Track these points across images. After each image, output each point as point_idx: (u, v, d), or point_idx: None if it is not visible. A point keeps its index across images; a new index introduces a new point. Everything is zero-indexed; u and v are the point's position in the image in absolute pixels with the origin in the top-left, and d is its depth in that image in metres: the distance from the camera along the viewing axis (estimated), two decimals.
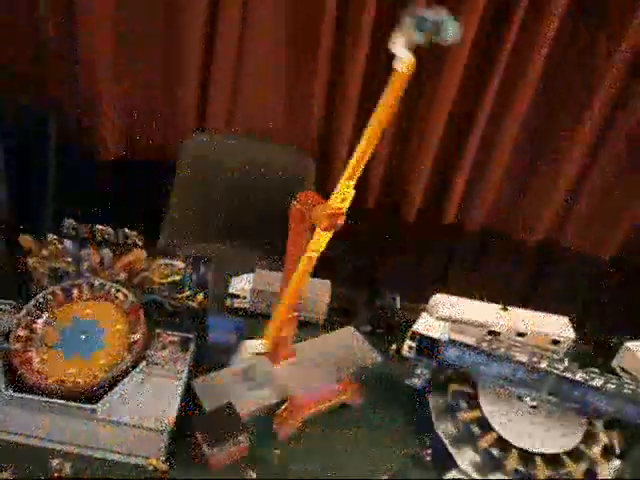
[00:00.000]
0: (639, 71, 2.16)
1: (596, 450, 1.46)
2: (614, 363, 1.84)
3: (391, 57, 2.18)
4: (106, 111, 2.47)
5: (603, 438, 1.49)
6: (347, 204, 1.27)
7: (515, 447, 1.45)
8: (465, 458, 1.45)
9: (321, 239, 1.31)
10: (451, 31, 1.16)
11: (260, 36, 2.26)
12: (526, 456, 1.44)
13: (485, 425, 1.49)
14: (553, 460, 1.44)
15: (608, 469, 1.45)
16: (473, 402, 1.54)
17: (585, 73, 2.19)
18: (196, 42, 2.29)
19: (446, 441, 1.48)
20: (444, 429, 1.51)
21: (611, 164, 2.41)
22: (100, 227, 1.54)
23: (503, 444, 1.45)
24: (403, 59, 1.20)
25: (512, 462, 1.42)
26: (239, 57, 2.32)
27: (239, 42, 2.28)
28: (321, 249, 1.34)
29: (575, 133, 2.29)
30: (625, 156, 2.38)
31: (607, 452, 1.47)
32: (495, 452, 1.44)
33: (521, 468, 1.42)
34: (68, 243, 1.57)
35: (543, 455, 1.44)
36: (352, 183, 1.25)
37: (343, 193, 1.25)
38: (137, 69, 2.42)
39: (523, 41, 2.13)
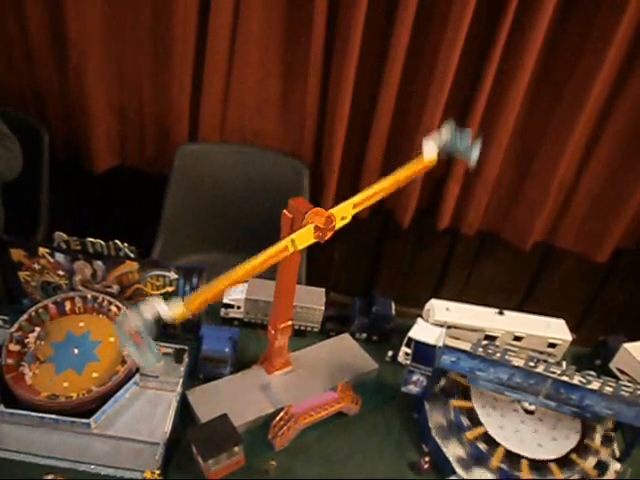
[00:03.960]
0: (632, 68, 2.17)
1: (590, 462, 1.46)
2: (612, 365, 1.83)
3: (382, 60, 2.22)
4: (97, 122, 2.46)
5: (600, 450, 1.48)
6: (345, 222, 1.32)
7: (526, 458, 1.44)
8: (470, 472, 1.44)
9: (307, 236, 1.28)
10: (476, 156, 1.46)
11: (251, 42, 2.26)
12: (537, 465, 1.43)
13: (491, 441, 1.48)
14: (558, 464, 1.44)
15: None
16: (475, 418, 1.53)
17: (576, 74, 2.19)
18: (186, 50, 2.28)
19: (450, 457, 1.46)
20: (448, 446, 1.49)
21: (605, 165, 2.40)
22: (91, 240, 1.53)
23: (512, 457, 1.45)
24: (429, 158, 1.44)
25: (525, 475, 1.41)
26: (230, 64, 2.32)
27: (230, 49, 2.28)
28: (306, 244, 1.29)
29: (567, 135, 2.29)
30: (618, 157, 2.37)
31: (601, 466, 1.46)
32: (506, 466, 1.43)
33: (536, 477, 1.41)
34: (60, 256, 1.56)
35: (541, 461, 1.43)
36: (355, 211, 1.33)
37: (345, 213, 1.31)
38: (127, 79, 2.42)
39: (515, 42, 2.12)
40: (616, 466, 1.48)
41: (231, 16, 2.21)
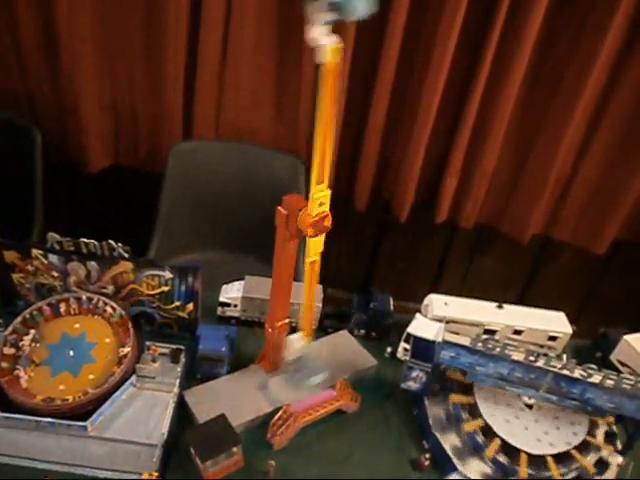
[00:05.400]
0: (629, 58, 2.15)
1: (590, 459, 1.45)
2: (613, 357, 1.82)
3: (376, 53, 2.20)
4: (90, 122, 2.44)
5: (602, 447, 1.47)
6: (327, 206, 1.26)
7: (525, 452, 1.43)
8: (473, 469, 1.44)
9: (315, 244, 1.30)
10: (360, 6, 1.09)
11: (244, 40, 2.24)
12: (535, 460, 1.42)
13: (489, 432, 1.47)
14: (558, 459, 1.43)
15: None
16: (474, 411, 1.51)
17: (572, 64, 2.17)
18: (179, 48, 2.26)
19: (448, 450, 1.45)
20: (446, 439, 1.48)
21: (602, 156, 2.39)
22: (85, 240, 1.51)
23: (510, 450, 1.44)
24: (327, 45, 1.09)
25: (523, 468, 1.40)
26: (223, 62, 2.30)
27: (222, 47, 2.26)
28: (319, 251, 1.33)
29: (564, 127, 2.27)
30: (616, 148, 2.36)
31: (601, 464, 1.45)
32: (503, 459, 1.43)
33: (533, 472, 1.40)
34: (53, 257, 1.54)
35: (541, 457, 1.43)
36: (324, 185, 1.23)
37: (319, 198, 1.23)
38: (119, 78, 2.40)
39: (511, 32, 2.10)
40: (618, 459, 1.47)
41: (223, 14, 2.19)
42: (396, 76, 2.26)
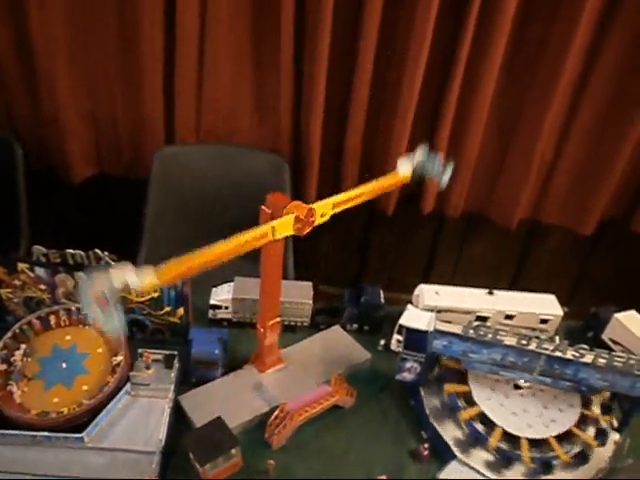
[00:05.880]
0: (605, 38, 2.16)
1: (590, 432, 1.46)
2: (604, 336, 1.83)
3: (353, 50, 2.20)
4: (71, 132, 2.43)
5: (600, 419, 1.48)
6: (320, 222, 1.32)
7: (525, 437, 1.44)
8: (477, 459, 1.44)
9: (286, 227, 1.28)
10: (447, 179, 1.53)
11: (220, 42, 2.23)
12: (536, 442, 1.43)
13: (487, 420, 1.48)
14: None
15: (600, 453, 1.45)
16: (470, 399, 1.52)
17: (549, 47, 2.18)
18: (156, 53, 2.25)
19: (449, 442, 1.46)
20: (445, 429, 1.49)
21: (584, 137, 2.40)
22: (71, 251, 1.51)
23: (511, 437, 1.45)
24: (404, 174, 1.54)
25: (525, 452, 1.40)
26: (200, 65, 2.29)
27: (199, 50, 2.25)
28: (277, 236, 1.28)
29: (544, 110, 2.28)
30: (597, 129, 2.37)
31: (601, 435, 1.46)
32: (505, 446, 1.43)
33: (536, 454, 1.41)
34: (40, 270, 1.54)
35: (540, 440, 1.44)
36: (335, 210, 1.36)
37: (324, 212, 1.33)
38: (97, 87, 2.38)
39: (486, 18, 2.11)
40: (615, 436, 1.48)
41: (198, 18, 2.18)
42: (374, 69, 2.25)
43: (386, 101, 2.36)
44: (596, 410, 1.51)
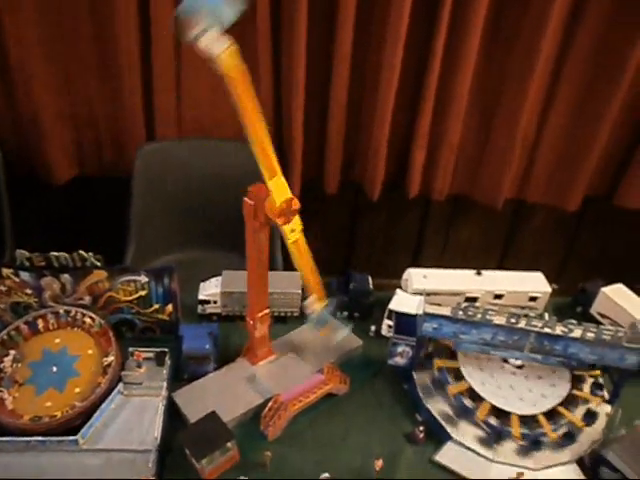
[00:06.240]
0: (581, 18, 2.17)
1: (578, 413, 1.48)
2: (593, 310, 1.85)
3: (331, 32, 2.18)
4: (50, 133, 2.40)
5: (590, 399, 1.50)
6: (288, 192, 1.26)
7: (514, 412, 1.45)
8: (465, 433, 1.45)
9: (290, 227, 1.29)
10: (228, 14, 1.07)
11: None
12: (525, 419, 1.45)
13: (476, 395, 1.49)
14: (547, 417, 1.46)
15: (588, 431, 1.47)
16: (459, 374, 1.53)
17: (525, 27, 2.18)
18: (132, 48, 2.22)
19: (440, 419, 1.47)
20: (435, 407, 1.50)
21: (564, 115, 2.41)
22: (55, 254, 1.49)
23: (500, 412, 1.46)
24: (220, 52, 1.09)
25: (516, 428, 1.42)
26: (178, 58, 2.27)
27: (175, 42, 2.23)
28: (298, 230, 1.31)
29: (524, 91, 2.29)
30: (577, 106, 2.38)
31: (590, 415, 1.48)
32: (494, 421, 1.44)
33: (526, 431, 1.43)
34: (25, 275, 1.52)
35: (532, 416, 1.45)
36: (277, 177, 1.24)
37: (278, 188, 1.24)
38: (75, 86, 2.35)
39: (462, 3, 2.11)
40: (607, 408, 1.50)
41: (172, 9, 2.15)
42: (353, 54, 2.24)
43: (367, 86, 2.35)
44: (586, 390, 1.52)
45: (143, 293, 1.58)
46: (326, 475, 1.32)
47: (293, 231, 1.29)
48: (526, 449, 1.42)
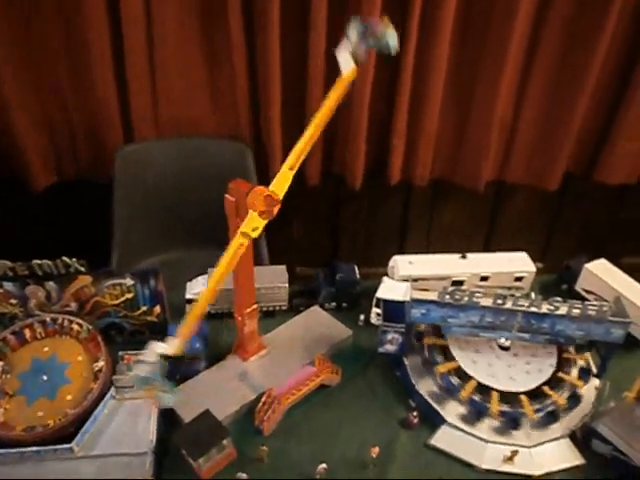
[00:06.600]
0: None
1: (564, 394, 1.49)
2: (577, 287, 1.87)
3: (306, 29, 2.17)
4: (25, 140, 2.37)
5: (576, 382, 1.51)
6: (284, 193, 1.28)
7: (497, 391, 1.47)
8: (451, 412, 1.46)
9: (254, 222, 1.25)
10: (394, 42, 1.32)
11: (168, 32, 2.19)
12: (507, 397, 1.47)
13: (464, 375, 1.50)
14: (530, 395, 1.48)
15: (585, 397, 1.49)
16: (448, 354, 1.55)
17: (497, 11, 2.19)
18: (103, 48, 2.19)
19: (429, 399, 1.48)
20: (425, 387, 1.51)
21: (540, 95, 2.42)
22: (38, 262, 1.48)
23: (484, 390, 1.48)
24: (348, 70, 1.33)
25: (495, 405, 1.43)
26: (151, 56, 2.25)
27: (147, 42, 2.21)
28: (253, 235, 1.27)
29: (498, 74, 2.30)
30: (552, 85, 2.39)
31: (574, 397, 1.50)
32: (478, 398, 1.46)
33: (507, 409, 1.44)
34: (8, 285, 1.51)
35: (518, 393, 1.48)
36: (293, 172, 1.29)
37: (284, 180, 1.27)
38: (47, 91, 2.32)
39: None
40: (595, 382, 1.52)
41: (143, 6, 2.13)
42: (327, 44, 2.23)
43: None
44: (574, 374, 1.54)
45: (130, 296, 1.57)
46: (323, 466, 1.33)
47: (255, 229, 1.26)
48: (505, 427, 1.44)
